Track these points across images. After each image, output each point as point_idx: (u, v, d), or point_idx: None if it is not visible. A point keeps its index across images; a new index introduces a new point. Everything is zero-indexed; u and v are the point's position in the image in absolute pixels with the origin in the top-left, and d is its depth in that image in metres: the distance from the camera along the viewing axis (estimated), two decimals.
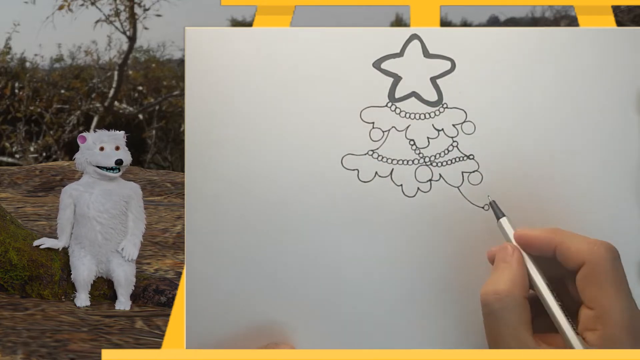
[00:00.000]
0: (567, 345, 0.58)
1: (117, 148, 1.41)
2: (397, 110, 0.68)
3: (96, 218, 1.40)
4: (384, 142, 0.68)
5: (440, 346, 0.67)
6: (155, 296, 1.44)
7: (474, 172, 0.68)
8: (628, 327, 0.56)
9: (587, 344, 0.57)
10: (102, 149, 1.40)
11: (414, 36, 0.69)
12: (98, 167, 1.40)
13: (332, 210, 0.67)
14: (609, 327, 0.56)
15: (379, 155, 0.68)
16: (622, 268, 0.59)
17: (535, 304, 0.60)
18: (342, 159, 0.68)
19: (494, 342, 0.59)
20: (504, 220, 0.64)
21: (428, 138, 0.68)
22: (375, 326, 0.67)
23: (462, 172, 0.68)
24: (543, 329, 0.60)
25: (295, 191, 0.68)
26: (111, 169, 1.39)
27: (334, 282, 0.67)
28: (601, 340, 0.56)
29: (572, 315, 0.59)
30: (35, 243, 1.47)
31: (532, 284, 0.61)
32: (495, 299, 0.58)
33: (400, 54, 0.68)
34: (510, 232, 0.63)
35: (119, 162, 1.39)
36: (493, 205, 0.66)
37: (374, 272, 0.68)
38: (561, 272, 0.61)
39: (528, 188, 0.68)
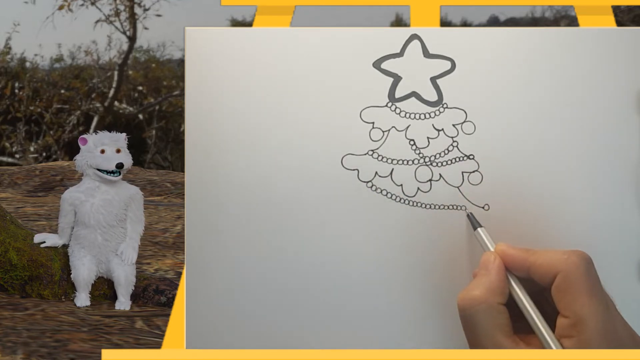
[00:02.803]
0: (546, 347, 0.58)
1: (118, 151, 1.41)
2: (397, 110, 0.68)
3: (96, 226, 1.40)
4: (384, 142, 0.68)
5: (440, 346, 0.67)
6: (155, 296, 1.44)
7: (474, 172, 0.68)
8: (602, 332, 0.57)
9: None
10: (102, 151, 1.40)
11: (414, 36, 0.69)
12: (98, 170, 1.39)
13: (331, 210, 0.67)
14: (583, 333, 0.57)
15: (379, 155, 0.68)
16: (596, 274, 0.59)
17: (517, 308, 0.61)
18: (342, 159, 0.68)
19: (472, 343, 0.60)
20: (481, 231, 0.65)
21: (428, 138, 0.68)
22: (375, 326, 0.67)
23: (462, 172, 0.68)
24: (526, 331, 0.60)
25: (295, 191, 0.68)
26: (112, 172, 1.39)
27: (334, 282, 0.67)
28: (577, 346, 0.57)
29: (551, 325, 0.60)
30: (36, 239, 1.47)
31: (511, 293, 0.61)
32: (469, 304, 0.60)
33: (400, 54, 0.68)
34: (489, 243, 0.64)
35: (120, 166, 1.38)
36: (470, 217, 0.67)
37: (373, 271, 0.68)
38: (539, 286, 0.61)
39: (528, 188, 0.68)
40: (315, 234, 0.67)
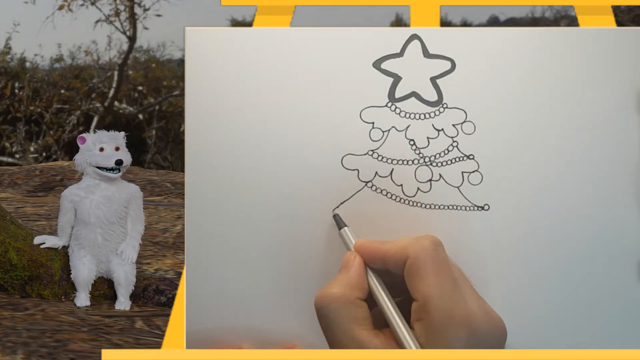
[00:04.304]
0: (397, 338, 0.59)
1: (117, 149, 1.41)
2: (397, 110, 0.68)
3: (96, 224, 1.40)
4: (384, 142, 0.68)
5: None
6: (155, 296, 1.44)
7: (474, 172, 0.68)
8: (448, 311, 0.57)
9: (415, 333, 0.58)
10: (102, 149, 1.40)
11: (414, 36, 0.69)
12: (98, 167, 1.39)
13: (331, 210, 0.67)
14: (430, 313, 0.58)
15: (379, 155, 0.68)
16: (444, 256, 0.60)
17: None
18: (342, 159, 0.68)
19: (330, 341, 0.61)
20: (345, 231, 0.65)
21: (428, 138, 0.68)
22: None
23: (462, 172, 0.68)
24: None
25: (295, 191, 0.68)
26: (111, 169, 1.39)
27: None
28: (426, 328, 0.58)
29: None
30: (36, 241, 1.46)
31: (370, 287, 0.62)
32: (326, 301, 0.60)
33: (400, 54, 0.68)
34: (351, 242, 0.65)
35: (119, 163, 1.38)
36: (336, 217, 0.67)
37: None
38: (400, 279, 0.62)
39: (528, 188, 0.68)
40: (315, 234, 0.67)
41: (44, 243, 1.47)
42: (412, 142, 0.68)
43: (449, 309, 0.57)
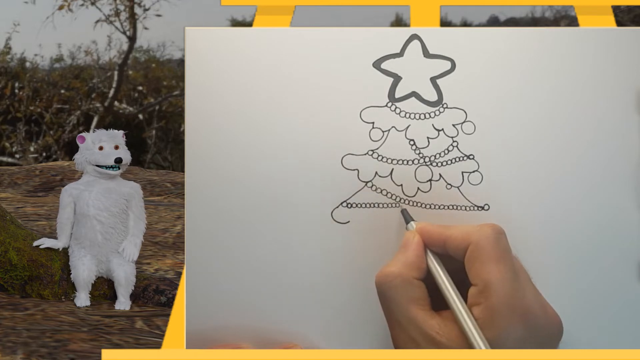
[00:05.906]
0: (456, 318, 0.60)
1: (117, 147, 1.41)
2: (397, 110, 0.68)
3: (96, 217, 1.40)
4: (384, 142, 0.68)
5: None
6: (155, 296, 1.44)
7: (474, 172, 0.68)
8: (508, 298, 0.59)
9: (473, 317, 0.59)
10: (101, 148, 1.40)
11: (414, 36, 0.69)
12: (97, 166, 1.40)
13: (332, 210, 0.67)
14: (489, 298, 0.59)
15: (379, 155, 0.68)
16: (506, 244, 0.61)
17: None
18: (342, 159, 0.68)
19: (388, 319, 0.63)
20: (411, 224, 0.66)
21: (428, 138, 0.68)
22: (375, 325, 0.67)
23: (462, 172, 0.68)
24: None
25: (295, 191, 0.68)
26: (111, 167, 1.39)
27: (335, 281, 0.67)
28: (484, 312, 0.59)
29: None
30: (35, 243, 1.46)
31: (429, 268, 0.63)
32: (384, 280, 0.62)
33: (400, 54, 0.68)
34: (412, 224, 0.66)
35: (119, 161, 1.39)
36: (404, 213, 0.67)
37: (374, 271, 0.67)
38: (459, 264, 0.63)
39: (528, 188, 0.68)
40: (315, 234, 0.67)
41: (43, 244, 1.47)
42: (412, 142, 0.68)
43: (508, 297, 0.59)
